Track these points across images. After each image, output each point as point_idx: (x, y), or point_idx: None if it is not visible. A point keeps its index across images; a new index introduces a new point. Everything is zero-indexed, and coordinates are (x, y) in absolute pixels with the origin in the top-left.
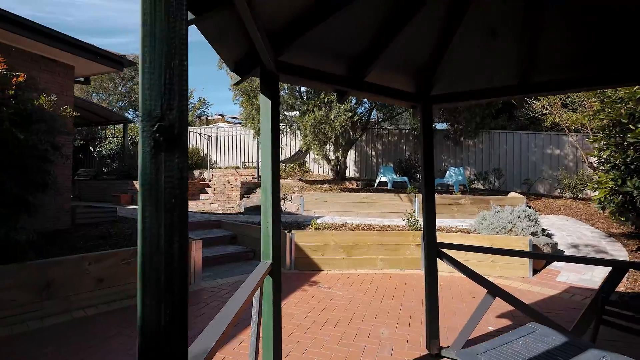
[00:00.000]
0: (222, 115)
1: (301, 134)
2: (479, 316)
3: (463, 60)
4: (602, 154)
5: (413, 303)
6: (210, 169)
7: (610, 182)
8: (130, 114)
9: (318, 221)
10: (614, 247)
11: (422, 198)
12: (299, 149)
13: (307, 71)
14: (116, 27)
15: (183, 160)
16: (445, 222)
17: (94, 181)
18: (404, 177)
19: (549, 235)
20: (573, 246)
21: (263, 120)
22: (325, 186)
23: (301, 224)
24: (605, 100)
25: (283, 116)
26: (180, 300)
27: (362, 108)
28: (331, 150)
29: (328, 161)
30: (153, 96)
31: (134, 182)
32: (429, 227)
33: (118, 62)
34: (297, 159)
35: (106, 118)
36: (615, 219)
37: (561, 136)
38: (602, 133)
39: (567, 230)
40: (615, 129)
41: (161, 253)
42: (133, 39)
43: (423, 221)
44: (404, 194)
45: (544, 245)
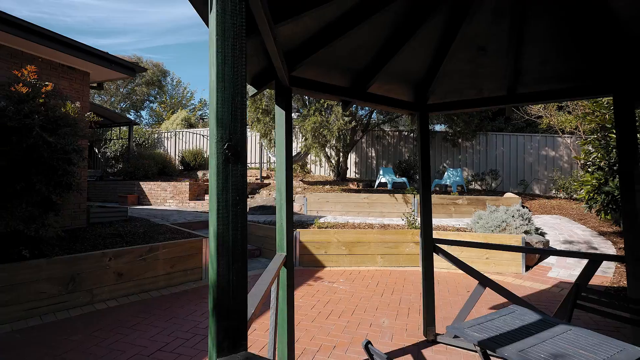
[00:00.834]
0: None
1: (302, 137)
2: (472, 304)
3: (456, 73)
4: (590, 156)
5: (412, 296)
6: None
7: (593, 182)
8: (131, 115)
9: (321, 220)
10: (604, 245)
11: (420, 198)
12: (299, 151)
13: (316, 84)
14: (116, 28)
15: (244, 168)
16: (442, 222)
17: (100, 182)
18: (404, 178)
19: (542, 233)
20: (564, 244)
21: (278, 129)
22: (326, 187)
23: (305, 223)
24: (595, 103)
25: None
26: (242, 265)
27: (363, 111)
28: (332, 152)
29: (329, 162)
30: (223, 124)
31: (140, 183)
32: (426, 224)
33: (131, 69)
34: (298, 160)
35: (112, 120)
36: (602, 218)
37: (556, 138)
38: (591, 136)
39: (560, 229)
40: (601, 133)
41: (229, 234)
42: (132, 40)
43: (420, 219)
44: (403, 195)
45: (536, 242)
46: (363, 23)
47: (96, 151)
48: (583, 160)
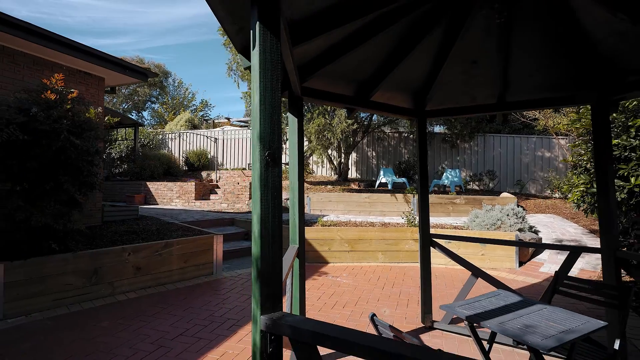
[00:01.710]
0: (228, 118)
1: (306, 139)
2: (465, 292)
3: (451, 83)
4: (580, 158)
5: (411, 289)
6: (217, 170)
7: (581, 185)
8: (133, 115)
9: (324, 219)
10: (592, 242)
11: (418, 197)
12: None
13: (324, 94)
14: (116, 28)
15: (280, 171)
16: (441, 220)
17: (107, 182)
18: (403, 178)
19: (536, 231)
20: (556, 241)
21: (291, 135)
22: (328, 187)
23: (308, 222)
24: (579, 112)
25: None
26: (278, 245)
27: (365, 113)
28: (334, 153)
29: (331, 163)
30: (265, 137)
31: (147, 183)
32: (424, 221)
33: (143, 74)
34: None
35: (119, 122)
36: (589, 217)
37: (551, 139)
38: (580, 139)
39: (553, 227)
40: (588, 137)
41: (269, 220)
42: (132, 40)
43: (419, 216)
44: (403, 194)
45: (529, 240)
46: (366, 42)
47: None
48: (571, 161)
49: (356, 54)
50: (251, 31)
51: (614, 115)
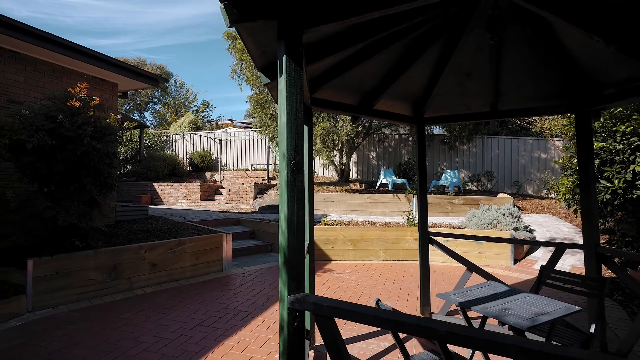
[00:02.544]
0: (232, 120)
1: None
2: (460, 286)
3: (447, 93)
4: (571, 160)
5: (410, 285)
6: (221, 171)
7: (568, 184)
8: (135, 116)
9: (327, 218)
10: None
11: (417, 197)
12: None
13: (331, 103)
14: (116, 29)
15: (303, 178)
16: (439, 220)
17: None
18: (403, 179)
19: (531, 230)
20: (550, 239)
21: None
22: (330, 187)
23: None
24: (568, 118)
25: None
26: (301, 237)
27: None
28: (336, 155)
29: (333, 164)
30: (291, 149)
31: (153, 184)
32: (422, 220)
33: (155, 80)
34: None
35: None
36: (578, 216)
37: (548, 141)
38: (572, 142)
39: (547, 226)
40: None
41: (294, 217)
42: (132, 40)
43: (418, 215)
44: (403, 195)
45: (524, 239)
46: (371, 58)
47: None
48: (562, 163)
49: (361, 68)
50: (278, 61)
51: (601, 120)
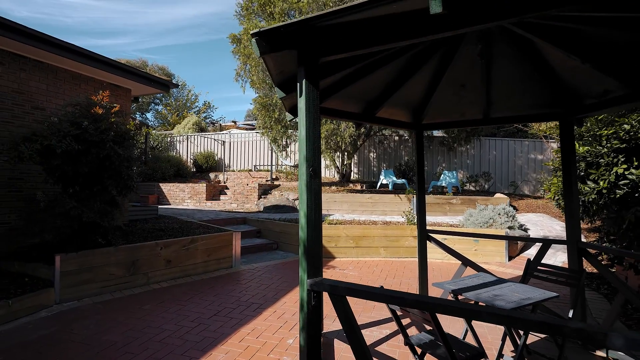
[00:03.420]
0: (235, 121)
1: None
2: (455, 278)
3: (444, 101)
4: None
5: (410, 280)
6: (224, 172)
7: (559, 185)
8: (137, 117)
9: (330, 217)
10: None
11: (416, 197)
12: None
13: (337, 112)
14: (115, 29)
15: (319, 181)
16: (438, 219)
17: None
18: (403, 180)
19: (525, 229)
20: (543, 237)
21: None
22: (332, 188)
23: None
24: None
25: (291, 121)
26: (318, 231)
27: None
28: (338, 156)
29: (335, 165)
30: (309, 157)
31: (160, 184)
32: (421, 218)
33: (165, 85)
34: None
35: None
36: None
37: (543, 142)
38: None
39: (541, 225)
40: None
41: (312, 214)
42: (132, 41)
43: (416, 214)
44: (403, 195)
45: (519, 236)
46: (373, 72)
47: None
48: (553, 165)
49: (364, 81)
50: (298, 84)
51: (588, 125)
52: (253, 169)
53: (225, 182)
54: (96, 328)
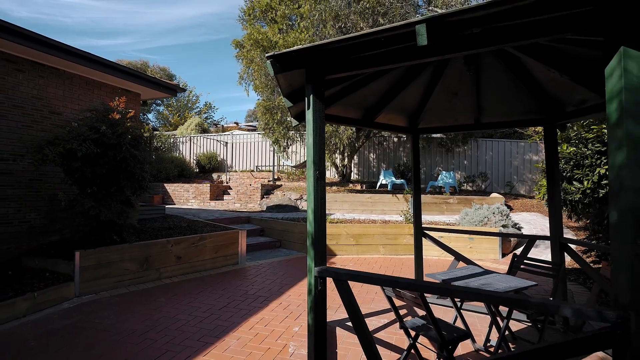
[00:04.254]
0: (237, 122)
1: None
2: None
3: (438, 108)
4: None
5: (407, 275)
6: (227, 172)
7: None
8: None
9: (331, 217)
10: (565, 236)
11: (412, 197)
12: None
13: (339, 118)
14: (115, 29)
15: (324, 184)
16: (435, 218)
17: None
18: (402, 180)
19: (519, 227)
20: (535, 234)
21: None
22: (333, 188)
23: None
24: None
25: (295, 126)
26: (323, 226)
27: None
28: (338, 156)
29: (335, 166)
30: (317, 162)
31: (165, 185)
32: (417, 216)
33: (173, 90)
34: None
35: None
36: (565, 214)
37: (539, 144)
38: None
39: (535, 224)
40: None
41: (318, 211)
42: (132, 41)
43: (413, 212)
44: (402, 195)
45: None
46: (372, 82)
47: None
48: (542, 166)
49: (364, 90)
50: (306, 98)
51: (575, 128)
52: (255, 170)
53: (228, 183)
54: (116, 318)
